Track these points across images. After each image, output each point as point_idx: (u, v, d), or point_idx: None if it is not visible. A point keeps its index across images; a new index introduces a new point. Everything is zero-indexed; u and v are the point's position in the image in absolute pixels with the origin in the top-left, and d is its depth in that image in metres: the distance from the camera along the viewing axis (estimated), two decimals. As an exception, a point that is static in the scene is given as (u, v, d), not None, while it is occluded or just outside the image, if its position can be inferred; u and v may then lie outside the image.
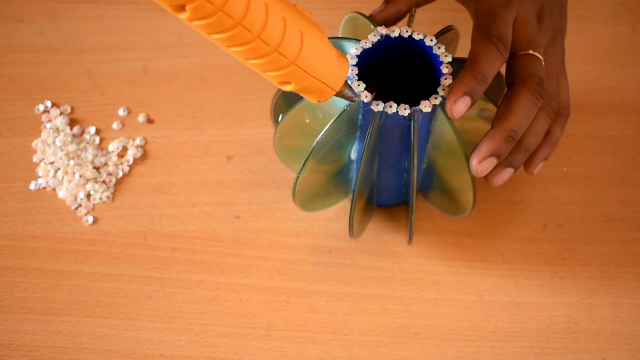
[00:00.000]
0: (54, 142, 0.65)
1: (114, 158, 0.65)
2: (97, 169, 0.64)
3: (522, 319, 0.58)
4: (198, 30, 0.38)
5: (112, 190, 0.63)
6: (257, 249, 0.61)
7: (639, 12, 0.73)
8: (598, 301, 0.58)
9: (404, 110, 0.50)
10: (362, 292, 0.59)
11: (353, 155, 0.57)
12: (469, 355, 0.57)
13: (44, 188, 0.64)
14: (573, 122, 0.65)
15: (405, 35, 0.52)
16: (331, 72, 0.44)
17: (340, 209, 0.62)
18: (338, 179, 0.59)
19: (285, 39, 0.40)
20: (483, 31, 0.50)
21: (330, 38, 0.55)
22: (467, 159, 0.51)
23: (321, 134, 0.52)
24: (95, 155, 0.65)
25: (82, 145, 0.65)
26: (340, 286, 0.59)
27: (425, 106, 0.50)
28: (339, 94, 0.46)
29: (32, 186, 0.64)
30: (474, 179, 0.53)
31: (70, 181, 0.63)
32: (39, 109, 0.67)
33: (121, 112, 0.67)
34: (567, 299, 0.59)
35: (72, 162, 0.64)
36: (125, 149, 0.66)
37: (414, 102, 0.50)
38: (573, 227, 0.62)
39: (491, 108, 0.54)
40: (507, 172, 0.52)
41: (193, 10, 0.36)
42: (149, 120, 0.67)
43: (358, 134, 0.54)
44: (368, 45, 0.52)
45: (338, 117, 0.51)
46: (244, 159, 0.65)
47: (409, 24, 0.56)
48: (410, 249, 0.61)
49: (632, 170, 0.64)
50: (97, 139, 0.66)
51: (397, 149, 0.54)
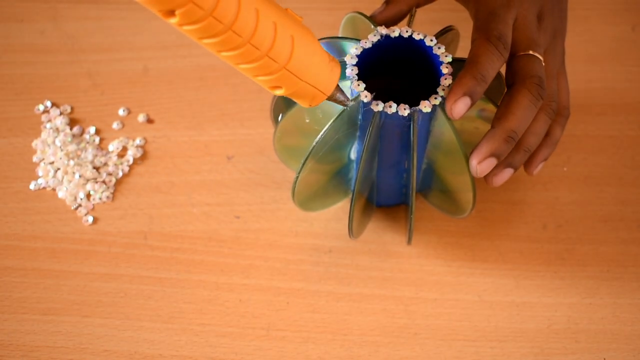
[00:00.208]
0: (53, 142, 0.65)
1: (114, 158, 0.65)
2: (97, 169, 0.64)
3: (522, 319, 0.58)
4: (188, 35, 0.38)
5: (112, 190, 0.63)
6: (257, 249, 0.61)
7: (639, 12, 0.73)
8: (598, 301, 0.58)
9: (404, 110, 0.50)
10: (362, 292, 0.59)
11: (353, 155, 0.57)
12: (469, 355, 0.56)
13: (44, 188, 0.64)
14: (573, 122, 0.65)
15: (405, 35, 0.52)
16: (322, 76, 0.43)
17: (340, 209, 0.62)
18: (338, 179, 0.59)
19: (276, 43, 0.40)
20: (483, 31, 0.50)
21: (330, 38, 0.55)
22: (467, 159, 0.51)
23: (321, 133, 0.52)
24: (95, 155, 0.65)
25: (82, 145, 0.65)
26: (340, 286, 0.59)
27: (425, 106, 0.50)
28: (331, 98, 0.46)
29: (32, 186, 0.64)
30: (473, 179, 0.53)
31: (70, 181, 0.63)
32: (38, 109, 0.67)
33: (121, 112, 0.67)
34: (567, 299, 0.58)
35: (72, 162, 0.64)
36: (125, 149, 0.66)
37: (414, 102, 0.50)
38: (573, 227, 0.62)
39: (491, 108, 0.54)
40: (507, 173, 0.52)
41: (182, 15, 0.36)
42: (149, 120, 0.67)
43: (358, 133, 0.54)
44: (368, 45, 0.52)
45: (338, 117, 0.51)
46: (244, 159, 0.65)
47: (409, 24, 0.56)
48: (410, 249, 0.61)
49: (633, 170, 0.64)
50: (97, 139, 0.66)
51: (396, 149, 0.54)
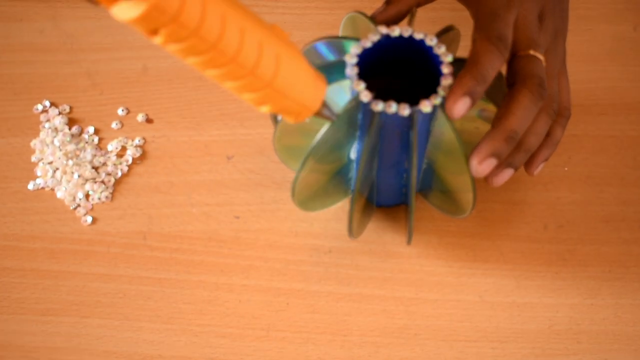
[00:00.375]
0: (52, 142, 0.65)
1: (113, 158, 0.65)
2: (95, 168, 0.64)
3: (524, 319, 0.58)
4: (173, 54, 0.38)
5: (111, 191, 0.63)
6: (257, 250, 0.61)
7: (640, 12, 0.73)
8: (600, 302, 0.58)
9: (404, 110, 0.50)
10: (362, 293, 0.59)
11: (353, 155, 0.57)
12: (470, 356, 0.56)
13: (43, 188, 0.64)
14: (574, 122, 0.65)
15: (406, 35, 0.52)
16: (308, 93, 0.43)
17: (340, 209, 0.62)
18: (338, 179, 0.59)
19: (261, 62, 0.40)
20: (483, 31, 0.50)
21: (330, 38, 0.55)
22: (467, 159, 0.51)
23: (321, 133, 0.52)
24: (94, 155, 0.65)
25: (81, 145, 0.65)
26: (340, 287, 0.59)
27: (425, 106, 0.50)
28: (317, 115, 0.46)
29: (30, 186, 0.64)
30: (473, 179, 0.53)
31: (68, 181, 0.63)
32: (37, 109, 0.67)
33: (120, 111, 0.67)
34: (568, 300, 0.58)
35: (70, 162, 0.64)
36: (124, 148, 0.65)
37: (414, 102, 0.50)
38: (574, 227, 0.61)
39: (491, 108, 0.54)
40: (507, 173, 0.52)
41: (166, 35, 0.36)
42: (148, 120, 0.67)
43: (358, 133, 0.54)
44: (368, 44, 0.52)
45: (338, 117, 0.51)
46: (244, 159, 0.65)
47: (410, 24, 0.56)
48: (410, 250, 0.60)
49: (634, 170, 0.64)
50: (96, 139, 0.66)
51: (397, 149, 0.54)
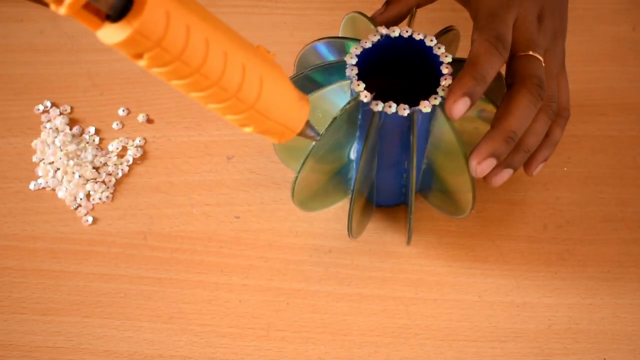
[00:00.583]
0: (53, 142, 0.65)
1: (114, 158, 0.65)
2: (96, 169, 0.64)
3: (523, 319, 0.58)
4: (156, 76, 0.39)
5: (111, 191, 0.63)
6: (257, 250, 0.61)
7: (639, 12, 0.73)
8: (598, 302, 0.58)
9: (404, 111, 0.50)
10: (362, 293, 0.59)
11: (352, 155, 0.57)
12: (469, 355, 0.56)
13: (44, 188, 0.64)
14: (573, 122, 0.65)
15: (406, 35, 0.52)
16: (291, 115, 0.44)
17: (340, 209, 0.62)
18: (337, 179, 0.59)
19: (244, 85, 0.40)
20: (483, 32, 0.50)
21: (330, 38, 0.55)
22: (467, 159, 0.51)
23: (321, 133, 0.52)
24: (95, 156, 0.65)
25: (82, 145, 0.65)
26: (340, 286, 0.59)
27: (425, 106, 0.50)
28: (301, 135, 0.46)
29: (31, 186, 0.64)
30: (473, 179, 0.53)
31: (69, 181, 0.63)
32: (38, 109, 0.67)
33: (121, 112, 0.67)
34: (567, 300, 0.58)
35: (71, 162, 0.64)
36: (124, 149, 0.66)
37: (414, 102, 0.50)
38: (573, 227, 0.62)
39: (491, 109, 0.54)
40: (507, 173, 0.52)
41: (150, 59, 0.36)
42: (149, 120, 0.67)
43: (358, 133, 0.54)
44: (368, 45, 0.52)
45: (338, 117, 0.51)
46: (244, 159, 0.65)
47: (410, 24, 0.56)
48: (410, 250, 0.60)
49: (633, 170, 0.64)
50: (97, 139, 0.66)
51: (396, 149, 0.54)
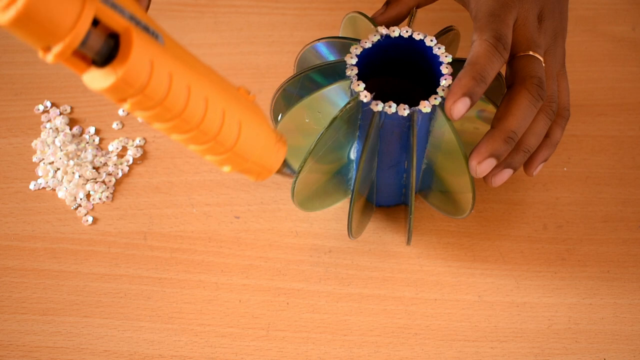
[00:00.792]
0: (53, 142, 0.65)
1: (114, 158, 0.65)
2: (96, 169, 0.64)
3: (523, 319, 0.58)
4: (139, 118, 0.40)
5: (111, 191, 0.63)
6: (257, 250, 0.61)
7: (639, 12, 0.73)
8: (598, 301, 0.58)
9: (404, 111, 0.50)
10: (362, 293, 0.59)
11: (352, 155, 0.57)
12: (469, 355, 0.56)
13: (44, 188, 0.64)
14: (573, 122, 0.65)
15: (406, 35, 0.52)
16: (268, 156, 0.45)
17: (340, 209, 0.62)
18: (337, 179, 0.59)
19: (223, 129, 0.41)
20: (483, 32, 0.50)
21: (330, 38, 0.55)
22: (467, 159, 0.51)
23: (321, 133, 0.52)
24: (95, 156, 0.65)
25: (82, 145, 0.65)
26: (340, 286, 0.59)
27: (425, 106, 0.50)
28: (278, 173, 0.47)
29: (31, 186, 0.64)
30: (473, 180, 0.53)
31: (69, 181, 0.63)
32: (38, 109, 0.67)
33: (121, 112, 0.67)
34: (567, 300, 0.58)
35: (71, 162, 0.64)
36: (124, 149, 0.66)
37: (414, 102, 0.50)
38: (573, 227, 0.62)
39: (491, 109, 0.54)
40: (507, 173, 0.52)
41: (133, 104, 0.38)
42: (149, 120, 0.67)
43: (358, 133, 0.54)
44: (368, 45, 0.52)
45: (338, 116, 0.51)
46: (244, 159, 0.65)
47: (410, 24, 0.56)
48: (410, 250, 0.61)
49: (633, 170, 0.64)
50: (97, 139, 0.66)
51: (396, 149, 0.54)
